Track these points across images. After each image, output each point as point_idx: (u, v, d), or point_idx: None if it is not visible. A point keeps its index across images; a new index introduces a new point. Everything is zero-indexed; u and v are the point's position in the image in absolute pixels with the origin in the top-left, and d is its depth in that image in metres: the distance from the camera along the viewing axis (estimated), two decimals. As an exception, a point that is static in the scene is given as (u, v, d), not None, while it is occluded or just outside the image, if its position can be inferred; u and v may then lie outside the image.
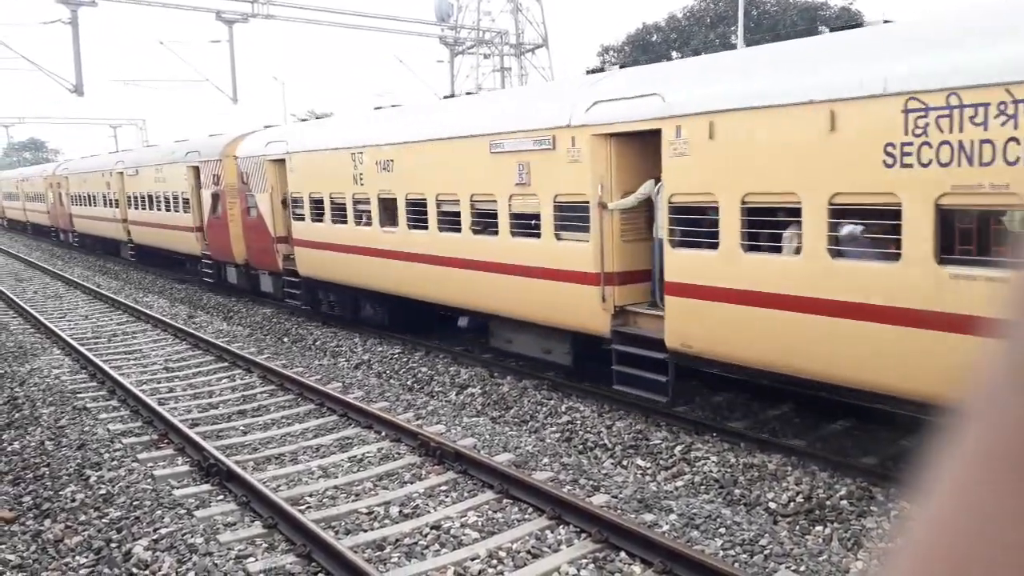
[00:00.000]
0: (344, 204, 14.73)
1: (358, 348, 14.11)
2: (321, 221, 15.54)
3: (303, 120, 23.05)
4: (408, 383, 11.98)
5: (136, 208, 26.35)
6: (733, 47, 34.13)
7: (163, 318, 17.11)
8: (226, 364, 13.23)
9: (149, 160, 25.04)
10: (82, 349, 13.93)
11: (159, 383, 12.19)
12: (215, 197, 19.81)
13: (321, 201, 15.46)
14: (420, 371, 12.35)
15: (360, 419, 9.87)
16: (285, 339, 15.52)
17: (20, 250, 36.98)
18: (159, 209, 24.03)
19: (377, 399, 10.93)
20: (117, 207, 27.88)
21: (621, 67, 13.01)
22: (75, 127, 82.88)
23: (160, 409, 10.16)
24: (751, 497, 7.44)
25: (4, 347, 14.96)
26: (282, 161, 16.73)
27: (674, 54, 42.04)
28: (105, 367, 12.54)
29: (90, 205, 31.83)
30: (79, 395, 11.50)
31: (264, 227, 17.76)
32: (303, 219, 16.24)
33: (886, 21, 8.00)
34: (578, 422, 9.60)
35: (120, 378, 11.83)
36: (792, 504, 7.22)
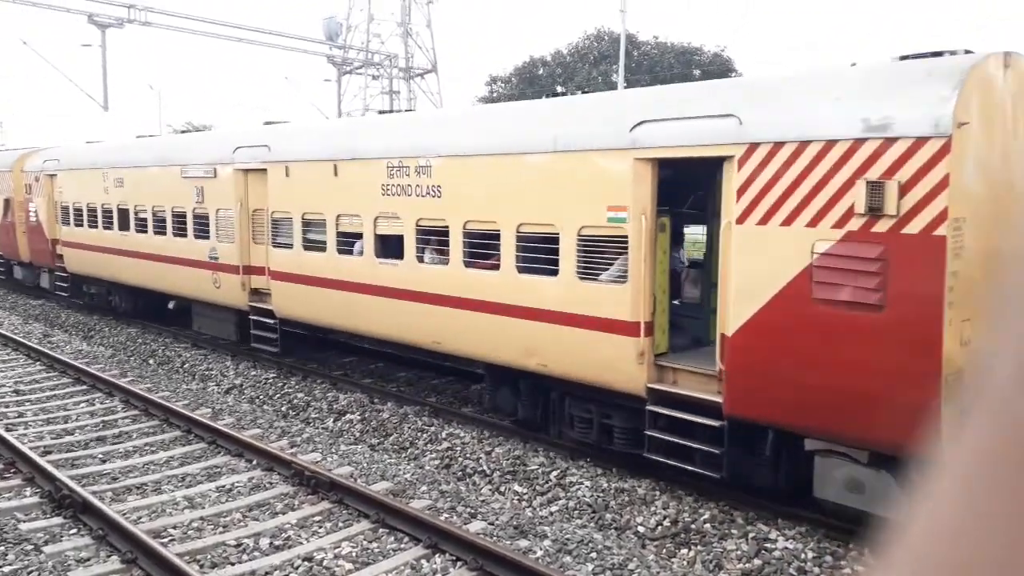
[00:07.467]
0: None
1: (230, 372, 13.60)
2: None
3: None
4: (283, 409, 11.64)
5: None
6: (614, 85, 35.53)
7: (15, 336, 15.91)
8: (85, 387, 12.42)
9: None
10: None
11: (7, 407, 11.29)
12: None
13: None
14: (296, 396, 12.03)
15: (230, 447, 9.50)
16: (151, 361, 14.76)
17: None
18: None
19: (249, 426, 10.56)
20: None
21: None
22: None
23: (6, 435, 9.42)
24: (622, 521, 7.69)
25: None
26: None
27: (559, 88, 43.27)
28: (-56, 390, 11.51)
29: None
30: (-88, 420, 10.49)
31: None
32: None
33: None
34: (458, 448, 9.62)
35: (-39, 402, 10.88)
36: (660, 528, 7.51)
